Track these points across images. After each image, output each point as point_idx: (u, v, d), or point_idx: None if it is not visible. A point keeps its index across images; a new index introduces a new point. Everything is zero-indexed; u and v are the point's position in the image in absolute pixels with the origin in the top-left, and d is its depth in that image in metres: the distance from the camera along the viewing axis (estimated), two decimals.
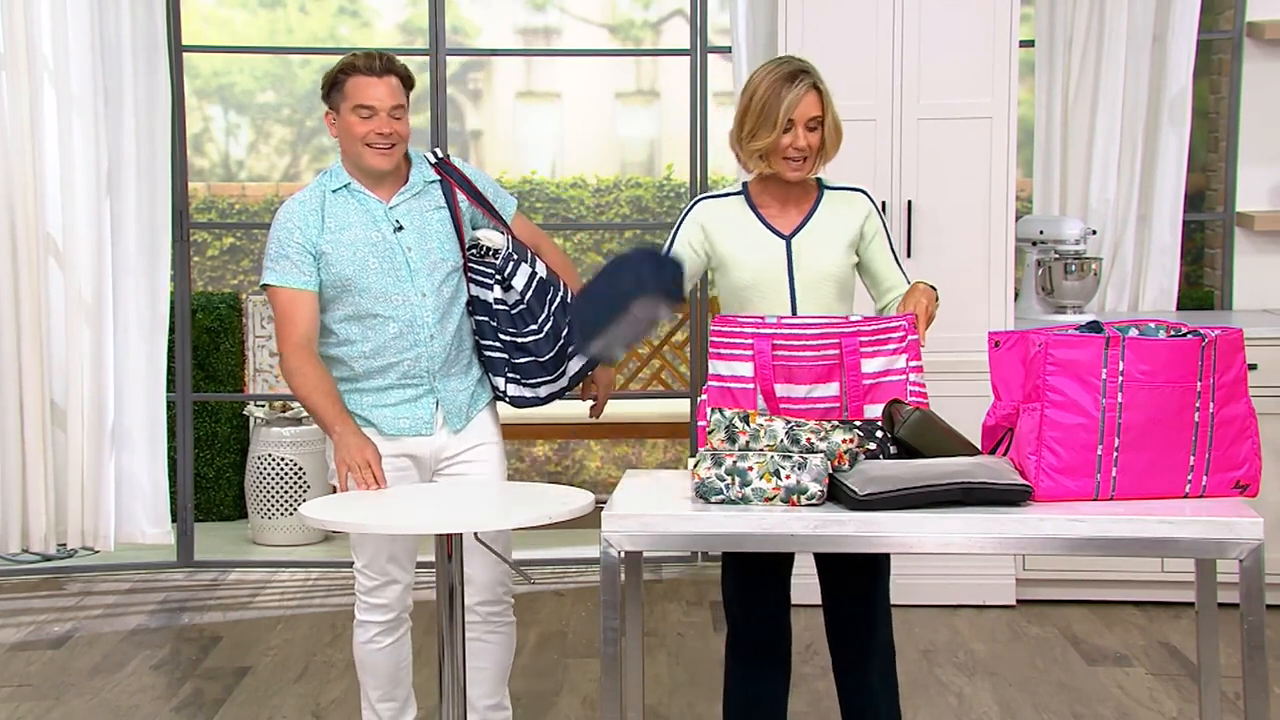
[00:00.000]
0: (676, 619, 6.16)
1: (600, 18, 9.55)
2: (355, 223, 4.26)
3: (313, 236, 4.24)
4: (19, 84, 6.34)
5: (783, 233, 4.12)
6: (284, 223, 4.29)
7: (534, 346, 4.30)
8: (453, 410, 4.32)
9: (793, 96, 4.02)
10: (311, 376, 4.20)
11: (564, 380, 4.37)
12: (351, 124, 4.24)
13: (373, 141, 4.22)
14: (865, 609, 4.11)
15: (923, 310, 4.02)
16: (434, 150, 4.43)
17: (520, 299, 4.29)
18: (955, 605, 6.17)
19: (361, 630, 4.37)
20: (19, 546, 6.55)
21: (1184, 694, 5.28)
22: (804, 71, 4.06)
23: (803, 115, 4.03)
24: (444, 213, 4.32)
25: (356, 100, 4.21)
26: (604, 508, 3.68)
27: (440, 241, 4.28)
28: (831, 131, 4.07)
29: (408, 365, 4.26)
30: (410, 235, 4.26)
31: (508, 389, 4.35)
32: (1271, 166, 6.68)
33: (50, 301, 6.46)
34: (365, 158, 4.25)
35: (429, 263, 4.25)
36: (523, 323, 4.30)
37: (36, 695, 5.32)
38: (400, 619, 4.38)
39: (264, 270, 4.29)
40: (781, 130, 4.03)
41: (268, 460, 7.25)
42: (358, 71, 4.22)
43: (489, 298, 4.31)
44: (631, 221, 9.09)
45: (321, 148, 9.55)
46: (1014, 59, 5.94)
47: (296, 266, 4.24)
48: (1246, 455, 3.72)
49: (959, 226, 5.98)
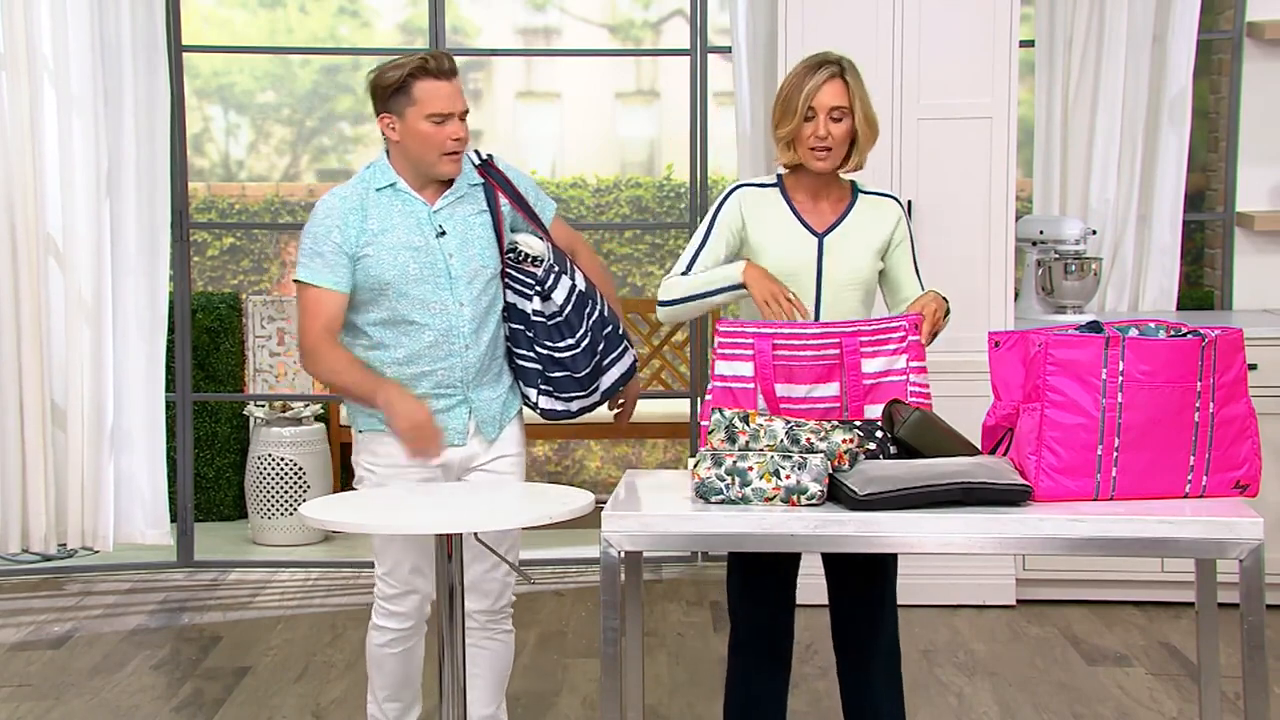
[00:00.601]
0: (676, 619, 6.16)
1: (600, 18, 9.55)
2: (399, 225, 4.12)
3: (351, 236, 4.09)
4: (19, 84, 6.34)
5: (816, 230, 4.12)
6: (323, 219, 4.12)
7: (570, 361, 4.19)
8: (486, 419, 4.23)
9: (812, 84, 4.03)
10: (336, 358, 4.08)
11: (597, 395, 4.26)
12: (426, 132, 4.07)
13: (449, 149, 4.08)
14: (871, 609, 4.11)
15: (930, 313, 4.02)
16: (476, 151, 4.28)
17: (559, 311, 4.18)
18: (955, 605, 6.17)
19: (378, 634, 4.32)
20: (19, 546, 6.55)
21: (1184, 694, 5.28)
22: (830, 62, 4.06)
23: (824, 104, 4.03)
24: (486, 217, 4.20)
25: (431, 109, 4.05)
26: (604, 508, 3.67)
27: (481, 248, 4.17)
28: (863, 124, 4.06)
29: (441, 375, 4.16)
30: (452, 241, 4.14)
31: (540, 400, 4.23)
32: (1271, 166, 6.68)
33: (50, 301, 6.46)
34: (440, 166, 4.10)
35: (469, 270, 4.14)
36: (559, 335, 4.18)
37: (36, 695, 5.32)
38: (418, 627, 4.33)
39: (297, 265, 4.14)
40: (802, 118, 4.03)
41: (268, 460, 7.25)
42: (428, 75, 4.06)
43: (527, 308, 4.19)
44: (631, 221, 9.09)
45: (321, 147, 9.54)
46: (1014, 59, 5.94)
47: (329, 266, 4.09)
48: (1246, 455, 3.72)
49: (959, 227, 5.98)
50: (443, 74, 4.07)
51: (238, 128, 9.57)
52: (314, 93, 9.49)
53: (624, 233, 9.15)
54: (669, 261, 9.14)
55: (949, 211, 5.98)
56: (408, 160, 4.13)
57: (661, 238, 9.18)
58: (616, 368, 4.27)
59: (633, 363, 4.32)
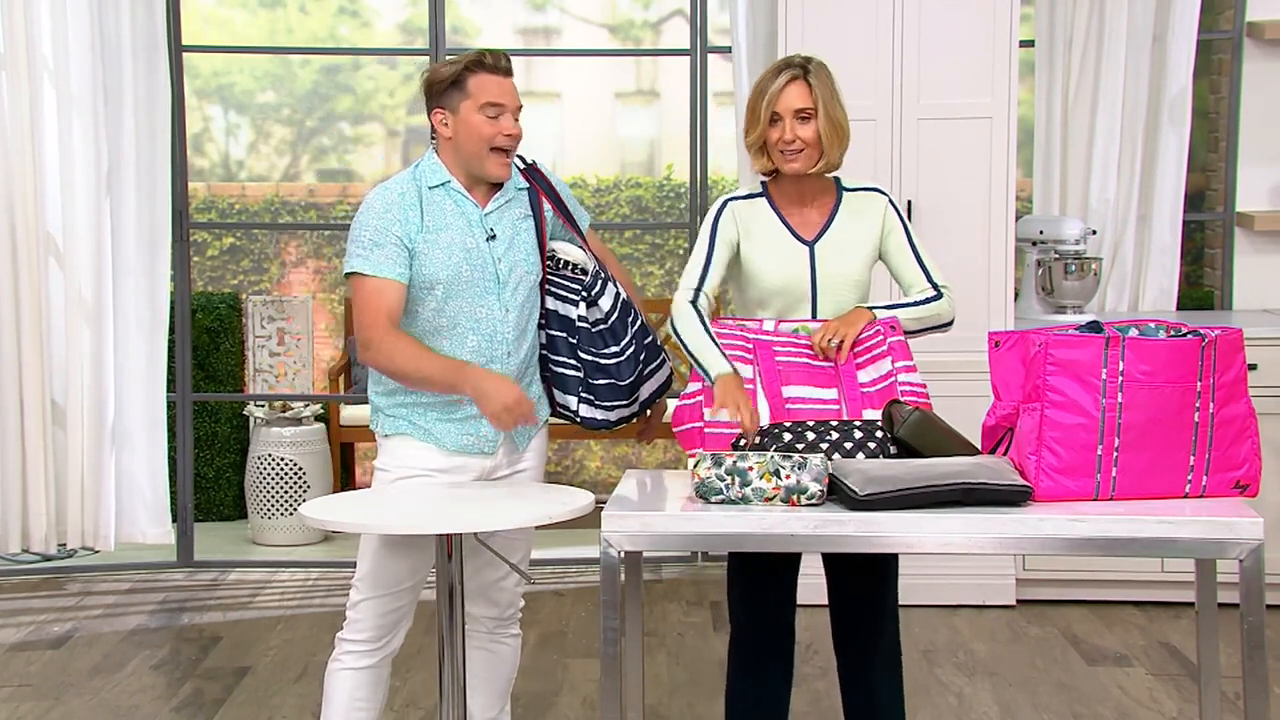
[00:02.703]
0: (676, 619, 6.16)
1: (600, 18, 9.56)
2: (452, 224, 4.04)
3: (412, 231, 4.00)
4: (19, 84, 6.34)
5: (805, 238, 4.11)
6: (381, 211, 4.00)
7: (614, 369, 4.11)
8: (519, 429, 4.16)
9: (774, 88, 4.02)
10: (405, 347, 3.95)
11: (635, 406, 4.19)
12: (478, 124, 4.00)
13: (501, 144, 4.01)
14: (872, 610, 4.10)
15: (829, 328, 3.97)
16: (520, 155, 4.20)
17: (604, 319, 4.11)
18: (955, 605, 6.17)
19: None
20: (19, 546, 6.55)
21: (1184, 694, 5.28)
22: (793, 65, 4.05)
23: (787, 107, 4.02)
24: (530, 222, 4.14)
25: (486, 98, 3.99)
26: (604, 508, 3.67)
27: (526, 254, 4.11)
28: (826, 125, 4.02)
29: None
30: (501, 245, 4.07)
31: (580, 409, 4.15)
32: (1271, 166, 6.69)
33: (50, 301, 6.46)
34: (489, 165, 4.04)
35: (515, 275, 4.08)
36: (603, 343, 4.11)
37: (36, 695, 5.32)
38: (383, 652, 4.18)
39: (351, 257, 4.01)
40: (767, 123, 4.03)
41: (268, 460, 7.25)
42: (484, 69, 4.00)
43: (571, 314, 4.13)
44: (631, 221, 9.09)
45: (321, 147, 9.55)
46: (1014, 59, 5.94)
47: (391, 258, 3.98)
48: (1246, 455, 3.72)
49: (959, 226, 5.98)
50: (499, 69, 4.03)
51: (238, 128, 9.58)
52: (314, 93, 9.50)
53: (624, 233, 9.15)
54: (669, 261, 9.14)
55: (949, 211, 5.98)
56: (459, 158, 4.06)
57: (661, 238, 9.18)
58: (655, 378, 4.20)
59: (669, 375, 4.25)
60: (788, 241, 4.09)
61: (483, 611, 4.27)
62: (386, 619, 4.10)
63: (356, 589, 4.12)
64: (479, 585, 4.24)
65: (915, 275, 4.15)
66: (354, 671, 4.11)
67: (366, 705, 4.12)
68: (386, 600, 4.09)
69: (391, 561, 4.07)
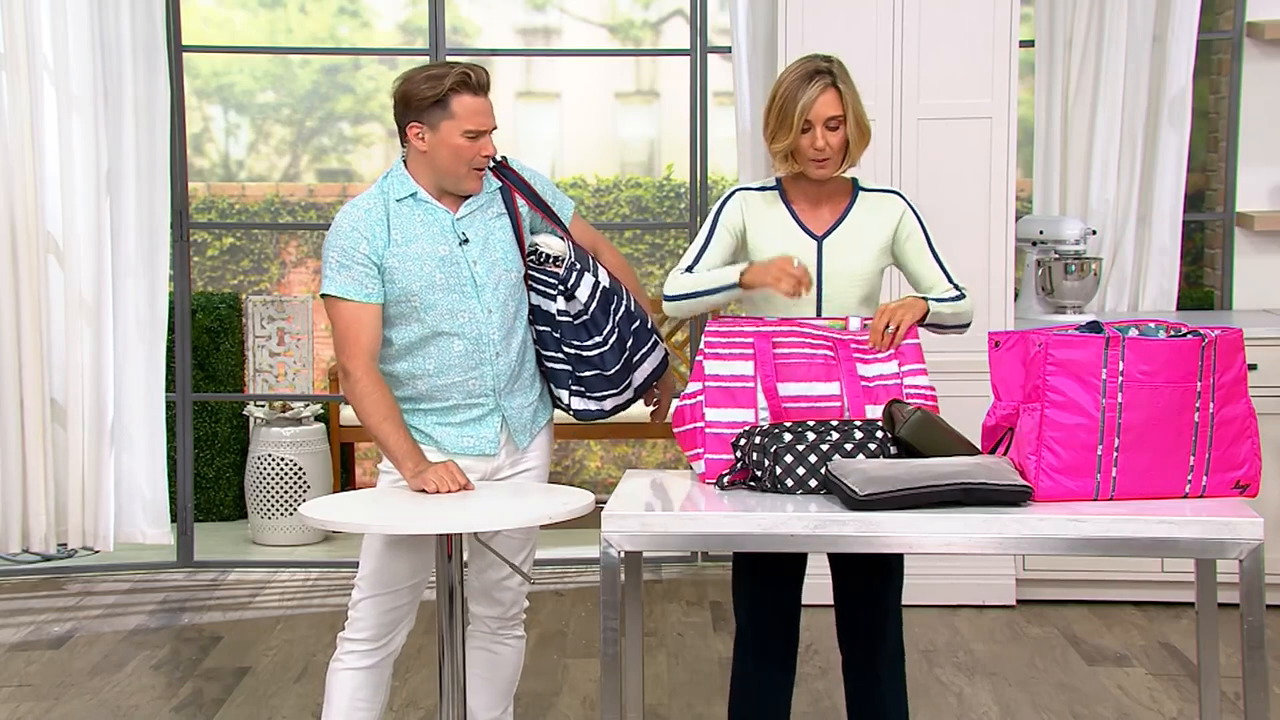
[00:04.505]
0: (676, 619, 6.16)
1: (600, 18, 9.56)
2: (421, 235, 4.06)
3: (379, 248, 4.03)
4: (19, 84, 6.34)
5: (815, 233, 4.11)
6: (348, 230, 4.03)
7: (598, 359, 4.14)
8: (518, 428, 4.17)
9: (807, 98, 3.99)
10: (382, 403, 4.01)
11: (629, 392, 4.21)
12: (459, 147, 4.01)
13: (480, 165, 4.04)
14: (877, 610, 4.10)
15: (889, 312, 3.98)
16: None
17: (584, 309, 4.13)
18: (955, 605, 6.17)
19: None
20: (19, 546, 6.55)
21: (1184, 694, 5.28)
22: (822, 71, 4.02)
23: (819, 116, 4.00)
24: (505, 220, 4.16)
25: (469, 125, 4.00)
26: (604, 508, 3.67)
27: (503, 252, 4.13)
28: (854, 130, 4.03)
29: (473, 384, 4.10)
30: (475, 248, 4.09)
31: (571, 402, 4.19)
32: (1271, 166, 6.69)
33: (50, 301, 6.46)
34: (466, 182, 4.06)
35: (494, 276, 4.10)
36: (586, 334, 4.14)
37: (36, 695, 5.32)
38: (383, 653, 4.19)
39: (324, 279, 4.06)
40: (799, 131, 4.01)
41: (267, 460, 7.25)
42: (468, 89, 4.01)
43: (551, 308, 4.16)
44: (631, 221, 9.09)
45: (321, 147, 9.55)
46: (1014, 59, 5.94)
47: (360, 280, 4.02)
48: (1246, 455, 3.72)
49: (959, 226, 5.98)
50: (482, 89, 4.04)
51: (238, 128, 9.58)
52: (314, 93, 9.50)
53: (624, 232, 9.15)
54: (669, 261, 9.14)
55: (949, 211, 5.98)
56: (432, 171, 4.07)
57: (661, 238, 9.19)
58: (648, 362, 4.22)
59: (665, 356, 4.27)
60: (796, 234, 4.09)
61: (486, 611, 4.28)
62: (387, 618, 4.11)
63: (358, 588, 4.14)
64: (482, 585, 4.24)
65: (937, 277, 4.14)
66: (355, 671, 4.12)
67: (367, 705, 4.12)
68: (387, 599, 4.10)
69: (393, 561, 4.09)
